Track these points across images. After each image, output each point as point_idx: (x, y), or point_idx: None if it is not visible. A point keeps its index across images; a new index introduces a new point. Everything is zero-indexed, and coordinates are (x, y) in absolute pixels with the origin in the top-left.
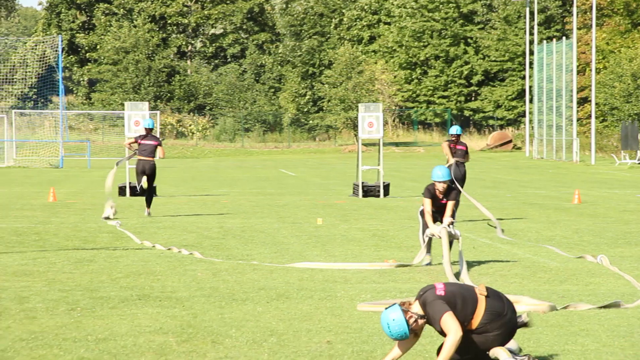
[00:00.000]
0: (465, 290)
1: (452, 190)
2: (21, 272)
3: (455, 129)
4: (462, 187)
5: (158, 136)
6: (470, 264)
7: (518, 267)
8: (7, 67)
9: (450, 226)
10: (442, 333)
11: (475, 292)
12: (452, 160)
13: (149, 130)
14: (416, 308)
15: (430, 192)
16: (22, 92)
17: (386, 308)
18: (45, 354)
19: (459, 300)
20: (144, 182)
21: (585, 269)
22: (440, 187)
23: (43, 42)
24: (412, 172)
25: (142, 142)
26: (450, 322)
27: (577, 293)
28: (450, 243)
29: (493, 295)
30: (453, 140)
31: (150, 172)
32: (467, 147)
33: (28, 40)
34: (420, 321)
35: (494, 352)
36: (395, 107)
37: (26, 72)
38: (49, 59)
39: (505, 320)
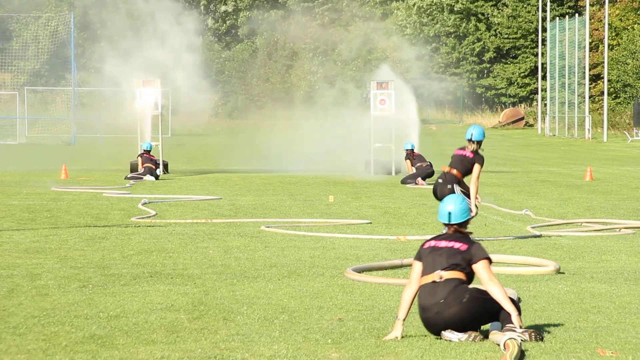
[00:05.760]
0: (433, 261)
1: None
2: (33, 249)
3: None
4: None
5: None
6: (481, 242)
7: (529, 245)
8: (19, 44)
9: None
10: None
11: (431, 273)
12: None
13: (148, 152)
14: None
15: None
16: (34, 68)
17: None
18: (57, 331)
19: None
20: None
21: (597, 246)
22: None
23: (55, 18)
24: (424, 149)
25: (146, 156)
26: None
27: (588, 270)
28: None
29: (440, 288)
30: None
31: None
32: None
33: (40, 17)
34: None
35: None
36: (407, 84)
37: (38, 48)
38: (61, 35)
39: (423, 316)
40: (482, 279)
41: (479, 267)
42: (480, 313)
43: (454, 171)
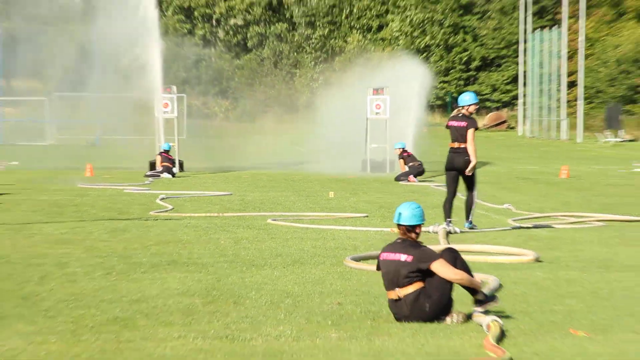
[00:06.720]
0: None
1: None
2: (62, 241)
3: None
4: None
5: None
6: (465, 234)
7: (511, 236)
8: (49, 54)
9: (450, 224)
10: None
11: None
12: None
13: (167, 152)
14: None
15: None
16: (63, 75)
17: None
18: (84, 314)
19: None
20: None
21: (571, 237)
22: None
23: (80, 29)
24: (415, 150)
25: (164, 155)
26: None
27: (564, 259)
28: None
29: (403, 305)
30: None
31: (172, 167)
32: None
33: (67, 29)
34: None
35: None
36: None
37: (65, 57)
38: (86, 45)
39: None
40: (445, 278)
41: (436, 270)
42: (444, 304)
43: (463, 145)
